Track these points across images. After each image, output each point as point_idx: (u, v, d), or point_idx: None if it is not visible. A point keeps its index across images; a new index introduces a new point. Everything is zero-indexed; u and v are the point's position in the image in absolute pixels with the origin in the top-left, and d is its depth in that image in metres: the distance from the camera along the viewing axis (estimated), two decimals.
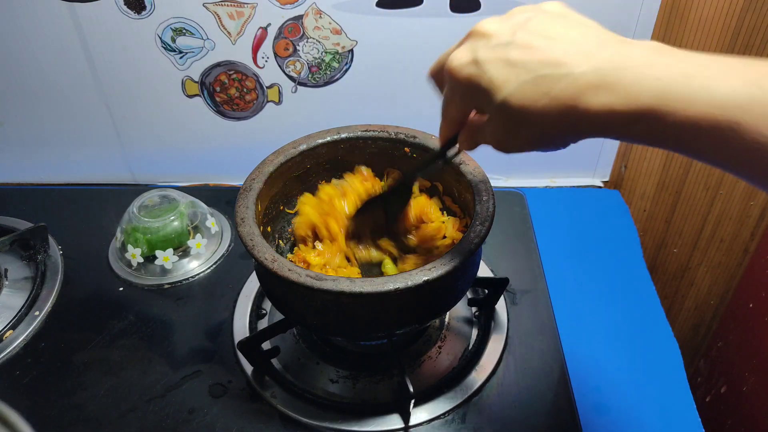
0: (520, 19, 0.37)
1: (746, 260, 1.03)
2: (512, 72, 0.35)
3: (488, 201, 0.56)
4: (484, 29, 0.38)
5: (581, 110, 0.34)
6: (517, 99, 0.35)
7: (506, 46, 0.36)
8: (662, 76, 0.32)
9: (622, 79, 0.32)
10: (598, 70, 0.33)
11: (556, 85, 0.34)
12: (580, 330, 0.71)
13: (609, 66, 0.33)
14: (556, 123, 0.35)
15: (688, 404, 0.63)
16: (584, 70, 0.33)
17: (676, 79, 0.31)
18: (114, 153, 0.94)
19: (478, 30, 0.38)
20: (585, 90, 0.33)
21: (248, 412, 0.62)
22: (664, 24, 0.79)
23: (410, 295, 0.50)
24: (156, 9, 0.78)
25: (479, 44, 0.37)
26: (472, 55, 0.37)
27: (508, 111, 0.36)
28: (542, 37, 0.35)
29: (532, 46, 0.35)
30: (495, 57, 0.36)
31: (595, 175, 0.95)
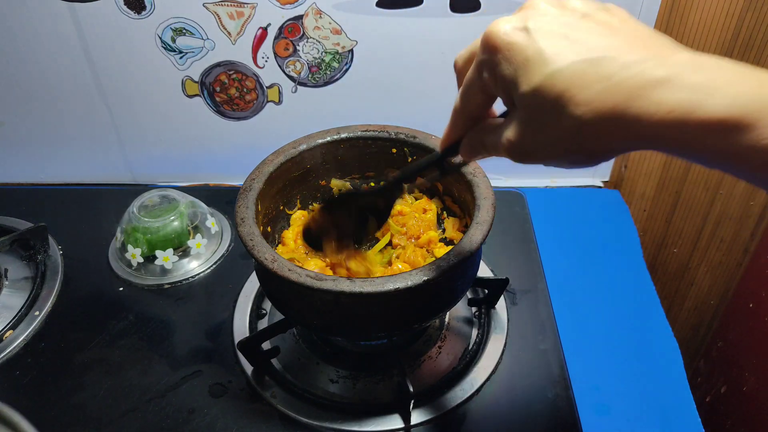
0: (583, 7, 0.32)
1: (746, 260, 1.03)
2: (569, 47, 0.29)
3: (488, 201, 0.56)
4: (540, 2, 0.32)
5: (643, 107, 0.27)
6: (564, 78, 0.29)
7: (566, 22, 0.31)
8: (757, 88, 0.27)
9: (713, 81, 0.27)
10: (677, 64, 0.28)
11: (619, 72, 0.28)
12: (580, 330, 0.71)
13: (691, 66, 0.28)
14: (603, 120, 0.29)
15: (688, 404, 0.63)
16: (657, 63, 0.28)
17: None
18: (114, 153, 0.94)
19: (533, 3, 0.32)
20: (657, 84, 0.27)
21: (248, 412, 0.62)
22: (664, 24, 0.79)
23: (410, 295, 0.50)
24: (156, 9, 0.78)
25: (534, 14, 0.31)
26: (524, 22, 0.31)
27: (547, 93, 0.29)
28: (608, 26, 0.31)
29: (596, 29, 0.30)
30: (552, 28, 0.30)
31: (595, 175, 0.95)
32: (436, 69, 0.82)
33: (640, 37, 0.30)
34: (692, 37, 0.81)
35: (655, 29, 0.32)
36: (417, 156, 0.66)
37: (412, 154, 0.66)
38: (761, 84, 0.27)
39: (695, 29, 0.80)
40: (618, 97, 0.28)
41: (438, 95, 0.85)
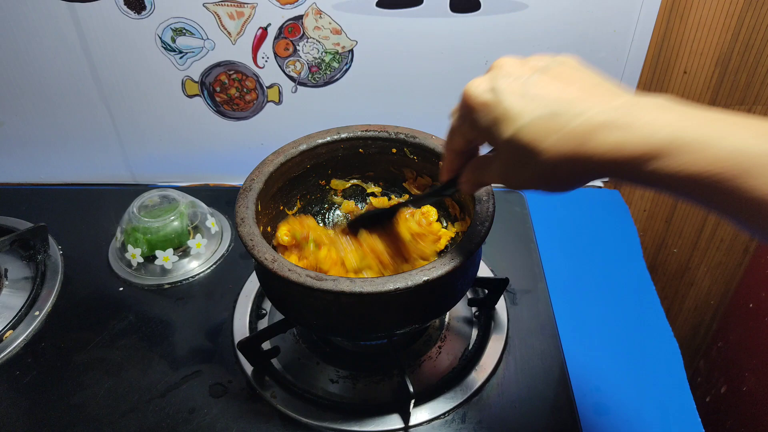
0: (540, 63, 0.38)
1: (746, 260, 1.03)
2: (528, 105, 0.36)
3: (488, 201, 0.56)
4: (506, 64, 0.39)
5: (592, 148, 0.34)
6: (529, 132, 0.35)
7: (526, 80, 0.37)
8: (675, 122, 0.32)
9: (636, 120, 0.33)
10: (614, 109, 0.34)
11: (570, 122, 0.34)
12: (580, 330, 0.71)
13: (624, 109, 0.34)
14: (565, 161, 0.35)
15: (688, 404, 0.63)
16: (599, 111, 0.34)
17: (689, 126, 0.32)
18: (114, 153, 0.94)
19: (500, 63, 0.39)
20: (598, 128, 0.33)
21: (248, 412, 0.62)
22: (664, 24, 0.79)
23: (410, 295, 0.50)
24: (156, 9, 0.78)
25: (499, 75, 0.38)
26: (492, 83, 0.38)
27: (518, 144, 0.36)
28: (561, 79, 0.36)
29: (551, 85, 0.36)
30: (514, 89, 0.37)
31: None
32: (436, 69, 0.82)
33: (589, 86, 0.36)
34: (692, 37, 0.81)
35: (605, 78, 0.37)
36: (417, 156, 0.66)
37: (412, 154, 0.66)
38: (679, 118, 0.32)
39: (695, 29, 0.80)
40: (573, 142, 0.34)
41: (438, 95, 0.85)
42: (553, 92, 0.36)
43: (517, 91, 0.36)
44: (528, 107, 0.36)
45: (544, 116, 0.35)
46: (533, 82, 0.36)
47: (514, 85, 0.37)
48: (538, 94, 0.36)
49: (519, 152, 0.36)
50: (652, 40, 0.80)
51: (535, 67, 0.38)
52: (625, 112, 0.33)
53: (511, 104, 0.36)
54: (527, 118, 0.35)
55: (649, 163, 0.32)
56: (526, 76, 0.37)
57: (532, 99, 0.36)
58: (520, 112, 0.36)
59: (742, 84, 0.85)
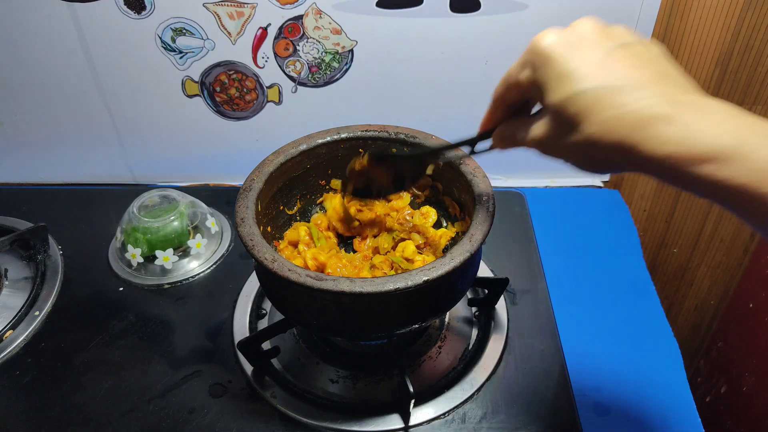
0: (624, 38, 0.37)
1: (746, 260, 1.03)
2: (596, 72, 0.35)
3: (488, 201, 0.56)
4: (588, 26, 0.37)
5: (643, 137, 0.33)
6: (585, 99, 0.34)
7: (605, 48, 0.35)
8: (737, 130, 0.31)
9: (698, 121, 0.32)
10: (679, 104, 0.33)
11: (630, 103, 0.33)
12: (580, 330, 0.71)
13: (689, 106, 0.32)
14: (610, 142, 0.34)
15: (688, 404, 0.63)
16: (664, 101, 0.33)
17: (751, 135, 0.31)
18: (114, 153, 0.94)
19: (582, 24, 0.37)
20: (657, 119, 0.32)
21: (248, 412, 0.62)
22: (664, 24, 0.79)
23: (410, 295, 0.50)
24: (156, 9, 0.78)
25: (579, 34, 0.36)
26: (568, 38, 0.36)
27: (571, 107, 0.35)
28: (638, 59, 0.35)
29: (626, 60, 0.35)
30: (588, 52, 0.35)
31: (595, 175, 0.95)
32: (436, 69, 0.82)
33: (664, 75, 0.35)
34: (692, 37, 0.81)
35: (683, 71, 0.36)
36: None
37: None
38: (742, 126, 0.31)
39: (695, 29, 0.80)
40: (626, 125, 0.33)
41: (438, 95, 0.85)
42: (625, 69, 0.34)
43: (591, 57, 0.35)
44: (595, 74, 0.34)
45: (607, 88, 0.34)
46: (610, 51, 0.35)
47: (589, 49, 0.35)
48: (610, 66, 0.35)
49: (567, 117, 0.35)
50: (652, 40, 0.80)
51: (618, 39, 0.36)
52: (690, 109, 0.32)
53: (580, 65, 0.35)
54: (589, 84, 0.34)
55: (700, 166, 0.31)
56: (606, 44, 0.36)
57: (601, 67, 0.34)
58: (584, 76, 0.34)
59: (742, 84, 0.85)
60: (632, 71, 0.34)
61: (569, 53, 0.36)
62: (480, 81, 0.83)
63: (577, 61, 0.35)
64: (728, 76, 0.85)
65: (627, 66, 0.35)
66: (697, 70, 0.84)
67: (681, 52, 0.82)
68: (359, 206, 0.69)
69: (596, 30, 0.37)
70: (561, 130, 0.36)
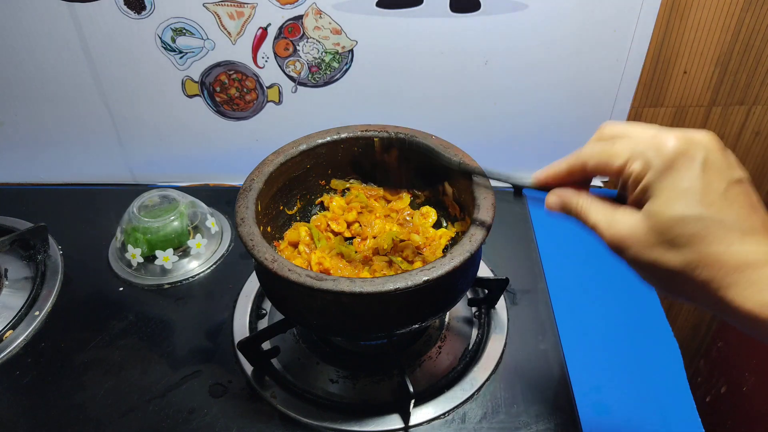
0: (739, 170, 0.36)
1: None
2: (718, 203, 0.34)
3: (488, 201, 0.56)
4: (714, 145, 0.35)
5: (739, 281, 0.33)
6: (699, 227, 0.34)
7: (728, 179, 0.35)
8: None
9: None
10: None
11: (741, 246, 0.33)
12: (580, 330, 0.71)
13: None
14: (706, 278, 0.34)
15: (688, 404, 0.63)
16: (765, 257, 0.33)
17: None
18: (114, 153, 0.94)
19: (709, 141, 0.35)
20: (759, 267, 0.33)
21: (248, 412, 0.62)
22: (664, 24, 0.79)
23: (410, 295, 0.50)
24: (156, 9, 0.78)
25: (706, 149, 0.35)
26: (696, 151, 0.35)
27: (681, 230, 0.34)
28: (750, 198, 0.35)
29: (743, 199, 0.35)
30: (712, 178, 0.34)
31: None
32: (436, 69, 0.82)
33: (765, 220, 0.35)
34: (692, 37, 0.81)
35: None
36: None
37: None
38: None
39: (695, 29, 0.80)
40: (724, 265, 0.33)
41: (438, 95, 0.85)
42: (741, 208, 0.34)
43: (714, 184, 0.34)
44: (715, 204, 0.34)
45: (722, 223, 0.33)
46: (731, 184, 0.34)
47: (713, 173, 0.34)
48: (729, 200, 0.34)
49: (671, 235, 0.34)
50: (652, 40, 0.80)
51: (735, 170, 0.35)
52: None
53: (704, 190, 0.34)
54: (707, 213, 0.34)
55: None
56: (728, 174, 0.35)
57: (722, 199, 0.34)
58: (706, 203, 0.34)
59: (742, 84, 0.85)
60: (746, 212, 0.34)
61: (696, 171, 0.34)
62: (480, 81, 0.83)
63: (703, 183, 0.34)
64: (728, 76, 0.85)
65: (743, 206, 0.34)
66: (697, 70, 0.84)
67: (681, 52, 0.82)
68: (359, 208, 0.69)
69: (718, 151, 0.35)
70: (654, 240, 0.35)
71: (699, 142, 0.35)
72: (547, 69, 0.82)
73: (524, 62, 0.81)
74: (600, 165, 0.38)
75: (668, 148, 0.35)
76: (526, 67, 0.82)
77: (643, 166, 0.35)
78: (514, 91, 0.85)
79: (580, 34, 0.78)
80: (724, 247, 0.33)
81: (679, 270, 0.35)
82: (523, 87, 0.84)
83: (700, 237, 0.34)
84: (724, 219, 0.34)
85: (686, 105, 0.88)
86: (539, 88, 0.84)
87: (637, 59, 0.81)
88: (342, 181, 0.71)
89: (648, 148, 0.36)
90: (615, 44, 0.79)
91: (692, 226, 0.34)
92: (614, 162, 0.37)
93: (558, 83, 0.83)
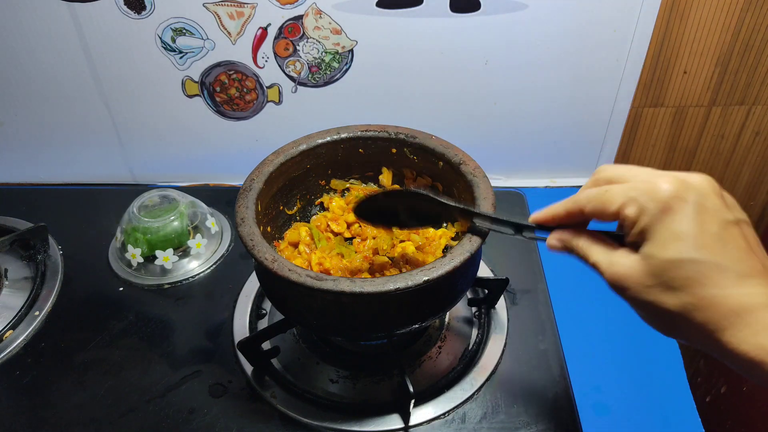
0: (737, 212, 0.36)
1: None
2: (713, 246, 0.34)
3: (488, 201, 0.56)
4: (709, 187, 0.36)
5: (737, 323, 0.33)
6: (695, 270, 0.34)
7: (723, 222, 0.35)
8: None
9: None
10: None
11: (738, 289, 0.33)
12: (580, 330, 0.71)
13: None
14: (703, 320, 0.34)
15: (688, 404, 0.63)
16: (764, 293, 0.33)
17: None
18: (114, 153, 0.94)
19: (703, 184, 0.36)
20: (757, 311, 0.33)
21: (248, 412, 0.62)
22: (664, 24, 0.79)
23: (410, 295, 0.50)
24: (156, 9, 0.78)
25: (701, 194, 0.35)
26: (689, 194, 0.35)
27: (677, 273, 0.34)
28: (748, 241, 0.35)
29: (741, 241, 0.35)
30: (707, 219, 0.34)
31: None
32: (436, 69, 0.82)
33: (764, 261, 0.35)
34: (692, 37, 0.81)
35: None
36: (417, 156, 0.66)
37: (412, 154, 0.66)
38: None
39: (695, 29, 0.80)
40: (721, 308, 0.33)
41: (438, 95, 0.85)
42: (737, 250, 0.34)
43: (709, 226, 0.34)
44: (710, 247, 0.34)
45: (718, 266, 0.33)
46: (726, 226, 0.35)
47: (709, 216, 0.35)
48: (725, 242, 0.34)
49: (667, 277, 0.35)
50: (652, 40, 0.80)
51: (732, 212, 0.36)
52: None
53: (698, 233, 0.34)
54: (702, 256, 0.34)
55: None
56: (723, 215, 0.35)
57: (717, 241, 0.34)
58: (701, 246, 0.34)
59: (742, 84, 0.85)
60: (743, 255, 0.34)
61: (689, 214, 0.34)
62: (480, 81, 0.83)
63: (697, 226, 0.34)
64: (728, 76, 0.85)
65: (739, 248, 0.34)
66: (697, 70, 0.84)
67: (681, 52, 0.82)
68: None
69: (713, 194, 0.36)
70: (651, 282, 0.36)
71: (693, 185, 0.35)
72: (547, 69, 0.82)
73: (524, 62, 0.81)
74: (596, 210, 0.39)
75: (662, 192, 0.35)
76: (526, 67, 0.82)
77: (638, 211, 0.36)
78: (514, 91, 0.85)
79: (580, 34, 0.78)
80: (720, 290, 0.33)
81: (676, 312, 0.35)
82: (523, 87, 0.84)
83: (696, 280, 0.34)
84: (720, 262, 0.34)
85: (686, 105, 0.88)
86: (539, 88, 0.84)
87: (637, 59, 0.81)
88: (342, 181, 0.71)
89: (642, 192, 0.36)
90: (615, 44, 0.79)
91: (687, 269, 0.34)
92: (609, 208, 0.37)
93: (558, 83, 0.83)
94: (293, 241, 0.66)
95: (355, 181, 0.71)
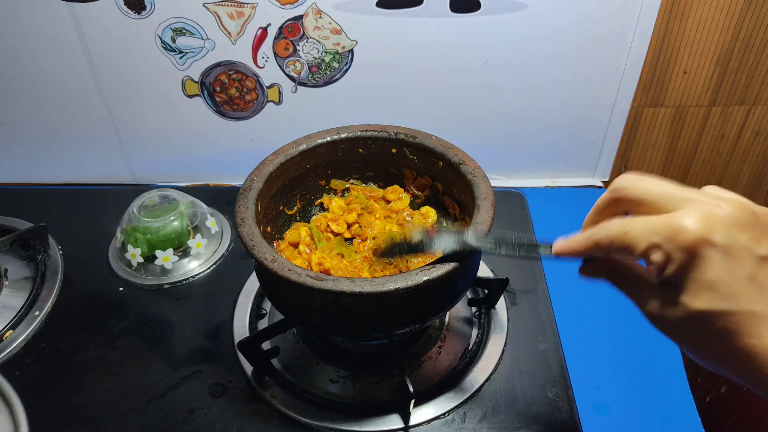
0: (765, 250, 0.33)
1: None
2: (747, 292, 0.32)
3: (488, 201, 0.56)
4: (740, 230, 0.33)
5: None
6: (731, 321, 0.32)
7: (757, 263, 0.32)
8: None
9: None
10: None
11: None
12: (580, 330, 0.70)
13: None
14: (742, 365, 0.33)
15: (688, 404, 0.63)
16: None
17: None
18: (114, 153, 0.94)
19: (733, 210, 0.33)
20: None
21: (248, 412, 0.62)
22: (664, 24, 0.79)
23: (410, 295, 0.50)
24: (156, 9, 0.78)
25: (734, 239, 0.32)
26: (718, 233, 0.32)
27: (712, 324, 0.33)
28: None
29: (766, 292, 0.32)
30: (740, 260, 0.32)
31: (595, 175, 0.95)
32: (436, 69, 0.82)
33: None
34: (692, 37, 0.81)
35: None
36: (417, 156, 0.66)
37: (411, 154, 0.66)
38: None
39: (695, 29, 0.80)
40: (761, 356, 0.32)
41: (438, 95, 0.85)
42: None
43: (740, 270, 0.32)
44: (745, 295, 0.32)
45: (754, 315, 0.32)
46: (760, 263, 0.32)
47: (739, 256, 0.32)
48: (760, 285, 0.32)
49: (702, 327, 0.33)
50: (652, 40, 0.80)
51: (764, 239, 0.33)
52: None
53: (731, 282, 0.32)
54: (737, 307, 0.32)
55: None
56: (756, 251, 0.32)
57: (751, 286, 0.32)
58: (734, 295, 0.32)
59: (742, 84, 0.85)
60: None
61: (718, 261, 0.32)
62: (480, 81, 0.83)
63: (727, 273, 0.32)
64: (728, 76, 0.85)
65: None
66: (697, 70, 0.84)
67: (681, 52, 0.82)
68: (359, 210, 0.69)
69: (741, 226, 0.33)
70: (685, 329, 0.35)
71: (720, 220, 0.33)
72: (547, 69, 0.82)
73: (524, 62, 0.81)
74: (619, 252, 0.37)
75: (687, 235, 0.32)
76: (526, 66, 0.82)
77: (663, 258, 0.33)
78: (514, 91, 0.85)
79: (580, 34, 0.78)
80: (758, 341, 0.32)
81: (715, 358, 0.34)
82: (523, 87, 0.84)
83: (732, 331, 0.32)
84: (755, 309, 0.32)
85: (686, 105, 0.88)
86: (539, 87, 0.84)
87: (637, 59, 0.81)
88: (342, 181, 0.71)
89: (666, 239, 0.33)
90: (615, 44, 0.79)
91: (721, 321, 0.32)
92: (633, 251, 0.35)
93: (558, 83, 0.83)
94: (293, 241, 0.66)
95: (355, 181, 0.71)
